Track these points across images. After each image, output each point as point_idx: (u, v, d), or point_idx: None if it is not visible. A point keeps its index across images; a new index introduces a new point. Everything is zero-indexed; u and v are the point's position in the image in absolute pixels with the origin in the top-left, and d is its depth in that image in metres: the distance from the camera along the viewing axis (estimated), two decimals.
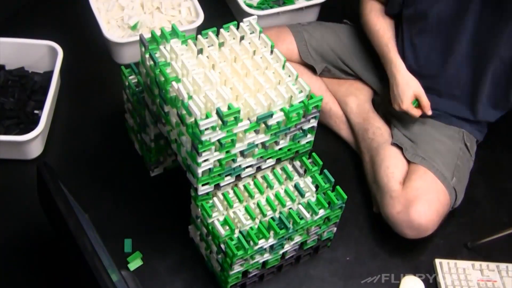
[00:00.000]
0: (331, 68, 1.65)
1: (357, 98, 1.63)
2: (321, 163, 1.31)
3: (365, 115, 1.60)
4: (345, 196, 1.29)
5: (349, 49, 1.65)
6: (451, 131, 1.52)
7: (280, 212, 1.27)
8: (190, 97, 1.11)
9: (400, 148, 1.48)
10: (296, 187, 1.29)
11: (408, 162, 1.47)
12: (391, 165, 1.46)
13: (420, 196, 1.37)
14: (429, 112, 1.47)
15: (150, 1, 1.83)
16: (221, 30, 1.26)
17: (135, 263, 1.38)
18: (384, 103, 1.61)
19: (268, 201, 1.27)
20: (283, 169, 1.31)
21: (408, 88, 1.45)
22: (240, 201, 1.26)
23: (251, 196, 1.27)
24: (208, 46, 1.24)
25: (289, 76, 1.20)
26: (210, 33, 1.25)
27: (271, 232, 1.25)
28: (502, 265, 1.44)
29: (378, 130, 1.55)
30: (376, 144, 1.52)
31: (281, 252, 1.33)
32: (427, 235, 1.40)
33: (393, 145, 1.50)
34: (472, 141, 1.55)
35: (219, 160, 1.18)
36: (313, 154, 1.33)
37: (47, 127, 1.56)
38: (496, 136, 1.75)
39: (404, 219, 1.37)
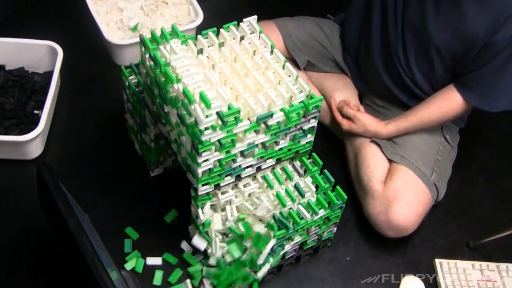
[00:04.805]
0: (314, 62, 1.66)
1: (343, 93, 1.63)
2: (321, 163, 1.31)
3: None
4: (345, 196, 1.29)
5: (332, 43, 1.66)
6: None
7: (280, 213, 1.27)
8: (192, 100, 1.11)
9: (380, 146, 1.49)
10: (296, 187, 1.29)
11: (389, 160, 1.47)
12: (371, 164, 1.46)
13: (399, 198, 1.38)
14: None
15: (150, 2, 1.83)
16: (221, 30, 1.26)
17: (134, 263, 1.38)
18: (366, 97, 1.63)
19: None
20: (283, 169, 1.31)
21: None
22: None
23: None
24: (208, 46, 1.24)
25: (289, 76, 1.20)
26: (210, 33, 1.25)
27: (271, 233, 1.25)
28: (502, 265, 1.44)
29: None
30: (358, 141, 1.53)
31: (281, 252, 1.33)
32: (407, 235, 1.41)
33: (373, 142, 1.50)
34: (452, 131, 1.55)
35: (219, 160, 1.18)
36: (313, 154, 1.33)
37: (47, 127, 1.56)
38: (496, 136, 1.75)
39: (384, 220, 1.39)
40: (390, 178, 1.43)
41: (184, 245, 1.40)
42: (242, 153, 1.20)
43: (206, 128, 1.11)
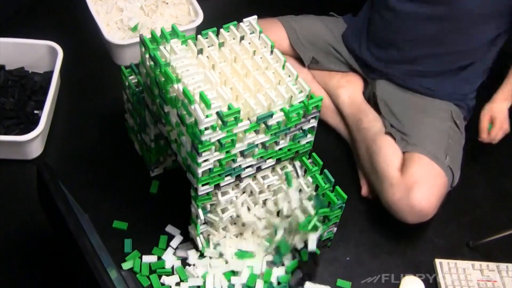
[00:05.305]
0: (319, 59, 1.67)
1: (348, 90, 1.64)
2: (321, 163, 1.31)
3: (358, 106, 1.62)
4: (345, 196, 1.28)
5: (338, 38, 1.68)
6: (440, 112, 1.54)
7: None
8: (192, 100, 1.11)
9: (394, 137, 1.50)
10: None
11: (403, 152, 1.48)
12: (389, 153, 1.47)
13: (418, 182, 1.38)
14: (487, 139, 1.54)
15: (150, 2, 1.83)
16: (221, 30, 1.26)
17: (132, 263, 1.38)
18: (371, 93, 1.64)
19: None
20: (283, 169, 1.31)
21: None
22: None
23: None
24: (208, 46, 1.24)
25: (289, 76, 1.20)
26: (210, 33, 1.25)
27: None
28: (502, 265, 1.44)
29: (372, 120, 1.57)
30: (371, 133, 1.53)
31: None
32: (427, 220, 1.41)
33: (387, 134, 1.51)
34: (460, 117, 1.57)
35: (219, 160, 1.18)
36: (313, 154, 1.32)
37: (47, 127, 1.56)
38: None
39: (405, 205, 1.38)
40: (406, 166, 1.43)
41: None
42: (242, 153, 1.20)
43: (206, 128, 1.11)
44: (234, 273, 1.35)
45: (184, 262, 1.38)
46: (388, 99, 1.58)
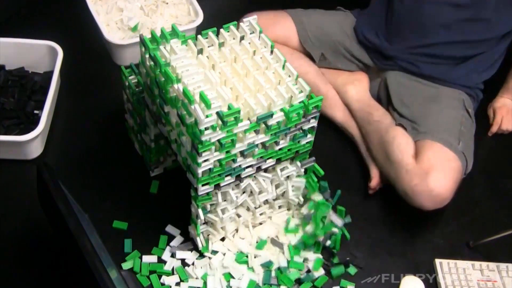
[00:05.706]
0: (327, 56, 1.68)
1: (356, 86, 1.66)
2: (322, 172, 1.32)
3: (367, 101, 1.63)
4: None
5: (348, 34, 1.68)
6: (452, 101, 1.55)
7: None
8: (192, 100, 1.11)
9: (405, 128, 1.51)
10: None
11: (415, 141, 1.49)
12: (403, 142, 1.47)
13: (434, 166, 1.39)
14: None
15: (150, 2, 1.83)
16: (221, 30, 1.26)
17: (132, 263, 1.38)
18: (381, 85, 1.65)
19: None
20: (283, 169, 1.31)
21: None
22: None
23: None
24: (208, 46, 1.24)
25: (289, 76, 1.20)
26: (210, 33, 1.25)
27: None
28: (502, 265, 1.44)
29: (382, 114, 1.58)
30: (384, 125, 1.54)
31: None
32: (444, 205, 1.41)
33: (398, 125, 1.52)
34: (471, 106, 1.60)
35: (219, 160, 1.18)
36: (315, 164, 1.33)
37: (47, 127, 1.56)
38: (496, 135, 1.75)
39: (423, 190, 1.38)
40: (420, 153, 1.44)
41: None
42: (242, 153, 1.20)
43: (206, 128, 1.11)
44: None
45: (184, 262, 1.38)
46: (400, 89, 1.60)
